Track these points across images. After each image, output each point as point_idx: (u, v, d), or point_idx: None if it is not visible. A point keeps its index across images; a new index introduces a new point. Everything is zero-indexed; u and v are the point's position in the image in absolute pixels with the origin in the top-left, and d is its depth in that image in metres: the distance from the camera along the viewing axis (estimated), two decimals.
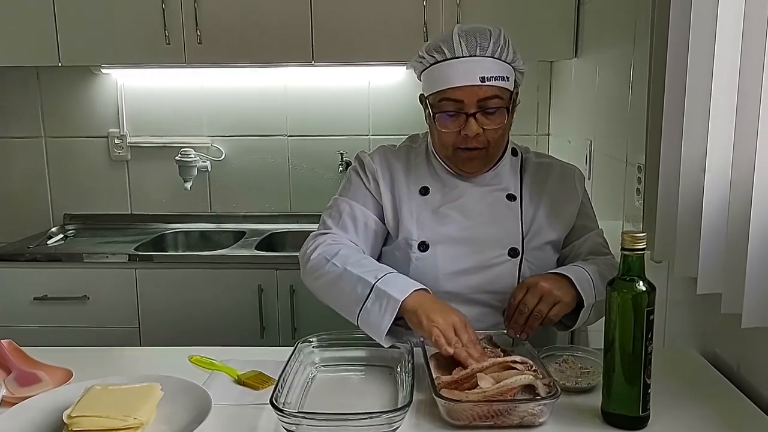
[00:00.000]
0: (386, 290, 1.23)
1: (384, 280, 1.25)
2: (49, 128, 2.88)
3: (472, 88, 1.31)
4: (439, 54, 1.34)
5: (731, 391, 1.19)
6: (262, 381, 1.20)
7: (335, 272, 1.31)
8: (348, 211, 1.43)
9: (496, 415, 1.03)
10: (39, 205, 2.93)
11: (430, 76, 1.37)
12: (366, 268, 1.30)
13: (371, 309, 1.23)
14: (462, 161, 1.39)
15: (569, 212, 1.45)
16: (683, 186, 1.25)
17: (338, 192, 1.49)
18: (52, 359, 1.25)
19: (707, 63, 1.16)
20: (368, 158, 1.47)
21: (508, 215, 1.42)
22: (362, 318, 1.25)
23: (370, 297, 1.24)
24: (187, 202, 2.90)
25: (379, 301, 1.22)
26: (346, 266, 1.30)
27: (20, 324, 2.42)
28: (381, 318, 1.21)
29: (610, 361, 1.05)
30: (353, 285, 1.27)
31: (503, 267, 1.38)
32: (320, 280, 1.35)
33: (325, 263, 1.33)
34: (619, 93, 1.88)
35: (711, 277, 1.18)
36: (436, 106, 1.35)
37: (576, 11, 2.38)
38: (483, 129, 1.33)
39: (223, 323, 2.41)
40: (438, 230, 1.39)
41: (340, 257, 1.33)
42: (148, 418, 1.02)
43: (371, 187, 1.45)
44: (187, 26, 2.42)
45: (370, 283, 1.25)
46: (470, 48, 1.32)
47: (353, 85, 2.82)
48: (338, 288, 1.30)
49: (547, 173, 1.47)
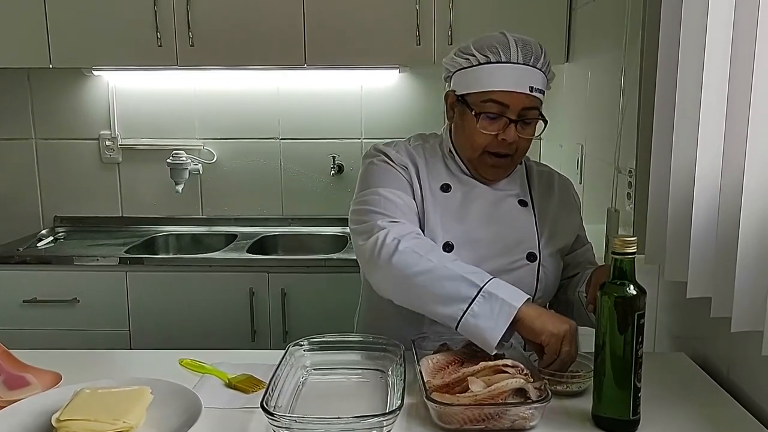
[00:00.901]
0: (498, 294, 1.18)
1: (492, 284, 1.20)
2: (40, 130, 2.87)
3: (519, 96, 1.31)
4: (493, 55, 1.33)
5: (721, 395, 1.20)
6: (253, 384, 1.20)
7: (430, 267, 1.22)
8: (400, 202, 1.36)
9: (487, 418, 1.03)
10: (29, 207, 2.91)
11: (476, 74, 1.35)
12: (467, 269, 1.23)
13: (479, 312, 1.17)
14: (486, 167, 1.38)
15: (573, 221, 1.49)
16: (673, 190, 1.26)
17: (369, 184, 1.39)
18: (41, 362, 1.24)
19: (697, 68, 1.17)
20: (393, 150, 1.43)
21: (524, 220, 1.42)
22: (467, 320, 1.18)
23: (477, 299, 1.18)
24: (179, 204, 2.89)
25: (489, 305, 1.18)
26: (446, 264, 1.23)
27: (9, 327, 2.40)
28: (495, 322, 1.16)
29: (600, 365, 1.05)
30: (456, 284, 1.20)
31: (523, 271, 1.38)
32: (409, 274, 1.24)
33: (418, 257, 1.24)
34: (610, 98, 1.89)
35: (701, 281, 1.19)
36: (479, 106, 1.33)
37: (568, 17, 2.40)
38: (518, 137, 1.33)
39: (214, 326, 2.40)
40: (461, 231, 1.38)
41: (435, 253, 1.26)
42: (138, 422, 1.01)
43: (407, 177, 1.40)
44: (179, 28, 2.42)
45: (477, 285, 1.19)
46: (526, 56, 1.33)
47: (346, 89, 2.82)
48: (435, 285, 1.22)
49: (550, 181, 1.50)
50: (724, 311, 1.10)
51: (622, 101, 1.80)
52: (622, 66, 1.80)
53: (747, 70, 1.03)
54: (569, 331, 1.16)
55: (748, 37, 1.03)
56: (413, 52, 2.42)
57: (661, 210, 1.29)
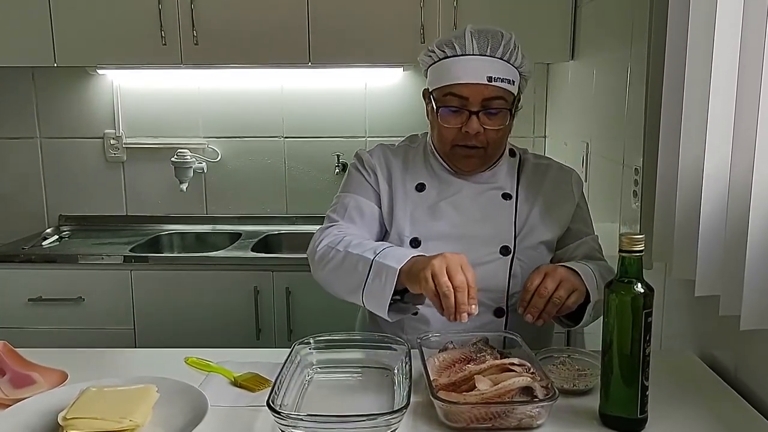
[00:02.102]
0: (384, 262, 1.23)
1: (383, 254, 1.25)
2: (45, 129, 2.87)
3: (478, 87, 1.32)
4: (449, 49, 1.35)
5: (728, 394, 1.19)
6: (259, 383, 1.20)
7: (338, 257, 1.31)
8: (353, 205, 1.45)
9: (493, 417, 1.03)
10: (34, 206, 2.91)
11: (437, 70, 1.38)
12: (366, 247, 1.30)
13: (372, 284, 1.23)
14: (459, 158, 1.40)
15: (565, 213, 1.46)
16: (681, 188, 1.25)
17: (340, 189, 1.51)
18: (46, 361, 1.24)
19: (705, 65, 1.16)
20: (367, 155, 1.50)
21: (502, 213, 1.42)
22: (366, 296, 1.25)
23: (370, 273, 1.24)
24: (183, 203, 2.89)
25: (379, 276, 1.23)
26: (348, 249, 1.30)
27: (15, 325, 2.41)
28: (382, 290, 1.21)
29: (608, 364, 1.05)
30: (354, 265, 1.27)
31: (494, 265, 1.39)
32: (326, 269, 1.35)
33: (329, 251, 1.34)
34: (616, 95, 1.88)
35: (709, 279, 1.18)
36: (441, 101, 1.36)
37: (573, 14, 2.39)
38: (484, 128, 1.34)
39: (218, 325, 2.40)
40: (430, 227, 1.40)
41: (343, 243, 1.33)
42: (144, 420, 1.01)
43: (371, 181, 1.47)
44: (184, 27, 2.41)
45: (369, 260, 1.25)
46: (481, 47, 1.34)
47: (350, 87, 2.81)
48: (342, 271, 1.31)
49: (544, 173, 1.49)
50: (732, 309, 1.09)
51: (627, 98, 1.79)
52: (627, 63, 1.79)
53: (756, 66, 1.02)
54: (438, 263, 1.15)
55: (757, 32, 1.02)
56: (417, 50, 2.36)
57: (669, 207, 1.29)
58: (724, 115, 1.13)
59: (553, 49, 2.40)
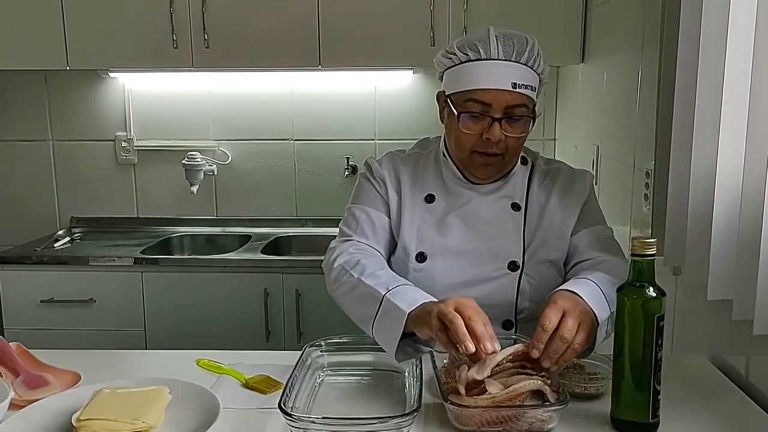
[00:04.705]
0: (394, 301, 1.17)
1: (393, 292, 1.19)
2: (57, 131, 2.89)
3: (502, 93, 1.28)
4: (473, 52, 1.30)
5: (740, 398, 1.18)
6: (270, 385, 1.20)
7: (351, 283, 1.28)
8: (364, 218, 1.41)
9: (504, 420, 1.03)
10: (46, 207, 2.93)
11: (458, 73, 1.33)
12: (379, 279, 1.25)
13: (381, 323, 1.19)
14: (476, 166, 1.36)
15: (573, 209, 1.39)
16: (693, 191, 1.24)
17: (350, 201, 1.47)
18: (59, 362, 1.25)
19: (718, 67, 1.16)
20: (376, 164, 1.46)
21: (510, 226, 1.38)
22: (375, 332, 1.20)
23: (380, 311, 1.19)
24: (194, 205, 2.90)
25: (388, 315, 1.18)
26: (362, 277, 1.26)
27: (26, 326, 2.43)
28: (389, 332, 1.16)
29: (619, 368, 1.04)
30: (366, 297, 1.23)
31: (502, 281, 1.35)
32: (339, 290, 1.32)
33: (344, 273, 1.30)
34: (627, 98, 1.88)
35: (722, 284, 1.17)
36: (461, 106, 1.31)
37: (583, 16, 2.39)
38: (505, 135, 1.30)
39: (228, 327, 2.41)
40: (437, 241, 1.37)
41: (358, 267, 1.29)
42: (157, 422, 1.02)
43: (381, 191, 1.43)
44: (195, 30, 2.43)
45: (380, 296, 1.20)
46: (507, 52, 1.28)
47: (360, 90, 2.82)
48: (354, 299, 1.27)
49: (554, 177, 1.44)
50: (745, 314, 1.09)
51: (638, 101, 1.79)
52: (638, 66, 1.79)
53: None
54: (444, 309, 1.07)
55: None
56: (427, 53, 2.40)
57: (681, 211, 1.28)
58: (737, 118, 1.13)
59: (563, 52, 2.40)
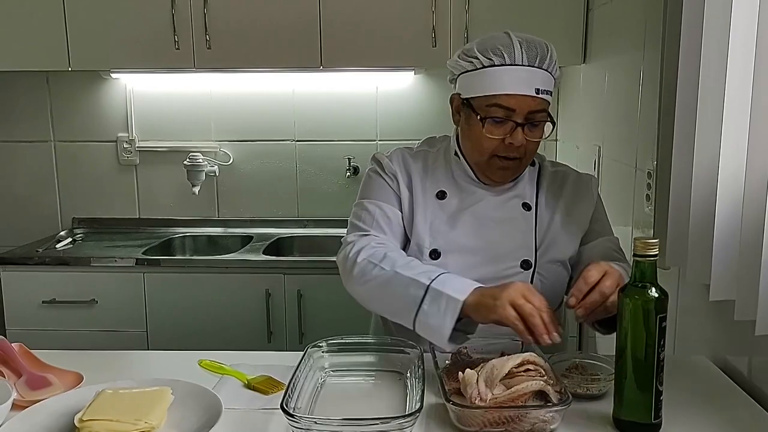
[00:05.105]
0: (442, 290, 1.19)
1: (439, 281, 1.21)
2: (59, 132, 2.90)
3: (525, 98, 1.29)
4: (497, 57, 1.30)
5: (743, 399, 1.18)
6: (272, 386, 1.20)
7: (384, 276, 1.27)
8: (379, 213, 1.40)
9: (507, 421, 1.03)
10: (48, 208, 2.94)
11: (480, 78, 1.32)
12: (417, 270, 1.26)
13: (429, 311, 1.19)
14: (494, 170, 1.36)
15: (583, 218, 1.43)
16: (695, 192, 1.24)
17: (360, 195, 1.46)
18: (61, 363, 1.25)
19: (720, 68, 1.16)
20: (386, 159, 1.45)
21: (522, 225, 1.39)
22: (420, 321, 1.21)
23: (425, 299, 1.20)
24: (195, 206, 2.91)
25: (437, 303, 1.19)
26: (396, 269, 1.26)
27: (29, 327, 2.43)
28: (442, 320, 1.18)
29: (622, 368, 1.04)
30: (405, 288, 1.23)
31: (515, 279, 1.34)
32: (368, 285, 1.30)
33: (372, 267, 1.29)
34: (629, 99, 1.88)
35: (724, 284, 1.17)
36: (484, 110, 1.31)
37: (585, 17, 2.39)
38: (526, 140, 1.31)
39: (230, 327, 2.41)
40: (451, 238, 1.38)
41: (388, 260, 1.28)
42: (159, 422, 1.02)
43: (394, 186, 1.42)
44: (197, 31, 2.43)
45: (423, 285, 1.21)
46: (531, 57, 1.30)
47: (361, 90, 2.82)
48: (389, 292, 1.26)
49: (562, 182, 1.46)
50: (748, 314, 1.09)
51: (640, 101, 1.79)
52: (640, 66, 1.79)
53: None
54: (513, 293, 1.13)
55: None
56: (429, 53, 2.42)
57: (683, 211, 1.28)
58: (739, 118, 1.13)
59: (565, 53, 2.39)
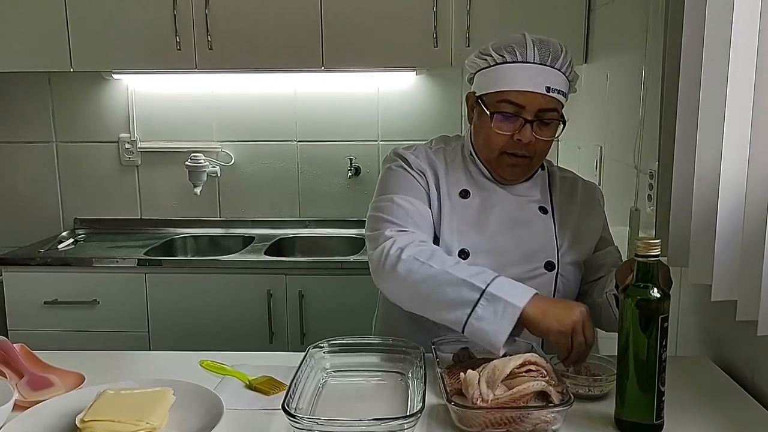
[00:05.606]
0: (500, 295, 1.17)
1: (496, 285, 1.19)
2: (60, 133, 2.90)
3: (535, 96, 1.30)
4: (509, 54, 1.32)
5: (745, 399, 1.18)
6: (274, 386, 1.20)
7: (433, 274, 1.23)
8: (413, 210, 1.36)
9: (508, 421, 1.03)
10: (49, 209, 2.94)
11: (492, 74, 1.34)
12: (469, 271, 1.23)
13: (483, 315, 1.17)
14: (504, 167, 1.37)
15: (596, 225, 1.46)
16: (697, 192, 1.24)
17: (385, 190, 1.40)
18: (63, 363, 1.26)
19: (722, 68, 1.15)
20: (411, 155, 1.42)
21: (544, 228, 1.40)
22: (472, 324, 1.18)
23: (480, 302, 1.18)
24: (197, 207, 2.91)
25: (493, 307, 1.17)
26: (447, 268, 1.23)
27: (31, 328, 2.44)
28: (499, 325, 1.16)
29: (623, 369, 1.04)
30: (457, 288, 1.20)
31: (541, 280, 1.35)
32: (413, 283, 1.25)
33: (420, 265, 1.24)
34: (630, 99, 1.87)
35: (726, 284, 1.17)
36: (494, 106, 1.33)
37: (586, 17, 2.39)
38: (535, 138, 1.31)
39: (231, 328, 2.41)
40: (478, 238, 1.37)
41: (436, 258, 1.25)
42: (161, 423, 1.02)
43: (423, 184, 1.40)
44: (198, 32, 2.43)
45: (479, 288, 1.19)
46: (543, 56, 1.31)
47: (363, 91, 2.82)
48: (438, 291, 1.22)
49: (573, 189, 1.47)
50: (750, 314, 1.08)
51: (642, 102, 1.79)
52: (642, 66, 1.78)
53: None
54: (577, 322, 1.15)
55: None
56: (430, 54, 2.42)
57: (685, 211, 1.28)
58: (741, 118, 1.13)
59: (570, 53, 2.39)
